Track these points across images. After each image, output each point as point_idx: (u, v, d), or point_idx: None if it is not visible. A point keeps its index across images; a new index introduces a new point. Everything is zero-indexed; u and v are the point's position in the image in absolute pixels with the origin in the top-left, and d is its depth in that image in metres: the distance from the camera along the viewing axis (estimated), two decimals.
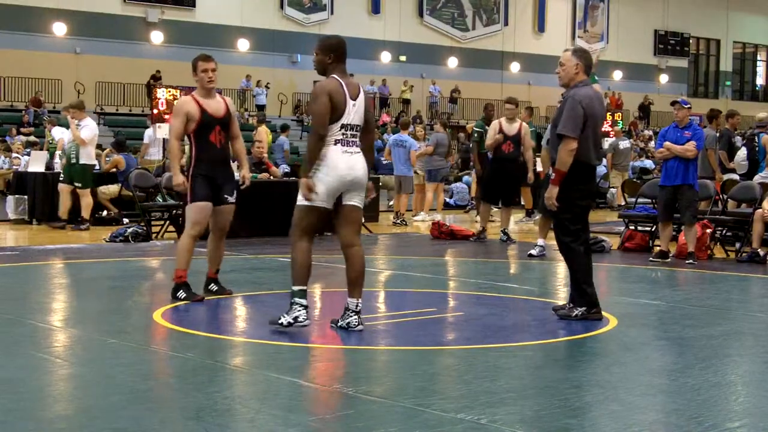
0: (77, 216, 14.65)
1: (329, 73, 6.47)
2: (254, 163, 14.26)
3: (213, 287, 8.08)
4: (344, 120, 6.34)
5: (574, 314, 6.94)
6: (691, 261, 11.02)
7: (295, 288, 6.38)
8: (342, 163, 6.31)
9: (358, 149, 6.42)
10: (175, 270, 7.85)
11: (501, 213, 13.97)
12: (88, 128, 14.67)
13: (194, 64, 7.85)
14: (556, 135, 7.05)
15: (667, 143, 11.07)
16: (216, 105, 7.88)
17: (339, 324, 6.48)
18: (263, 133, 19.69)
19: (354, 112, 6.38)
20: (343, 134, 6.35)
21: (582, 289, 7.03)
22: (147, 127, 21.40)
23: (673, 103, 11.55)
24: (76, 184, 14.55)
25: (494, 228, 16.64)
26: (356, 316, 6.42)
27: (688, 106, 11.44)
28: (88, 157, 14.60)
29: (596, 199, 23.86)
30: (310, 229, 6.45)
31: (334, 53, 6.47)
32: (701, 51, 51.47)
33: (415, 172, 17.64)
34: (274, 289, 8.63)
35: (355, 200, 6.42)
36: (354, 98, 6.40)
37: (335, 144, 6.34)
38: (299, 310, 6.39)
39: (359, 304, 6.43)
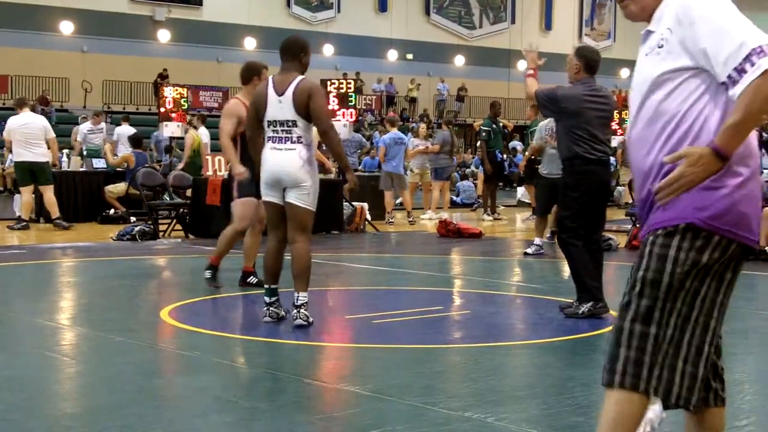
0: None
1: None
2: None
3: (253, 280, 8.29)
4: (268, 117, 6.50)
5: (581, 312, 6.93)
6: None
7: (265, 286, 6.69)
8: (270, 159, 6.48)
9: (294, 145, 6.44)
10: (212, 257, 8.31)
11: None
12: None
13: (259, 71, 8.19)
14: (560, 125, 7.15)
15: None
16: None
17: (295, 322, 6.47)
18: None
19: (279, 108, 6.45)
20: (273, 131, 6.51)
21: (582, 282, 7.00)
22: (152, 126, 21.40)
23: None
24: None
25: (501, 227, 16.64)
26: (296, 311, 6.44)
27: None
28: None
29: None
30: (270, 224, 6.69)
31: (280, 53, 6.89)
32: None
33: (410, 170, 17.56)
34: (279, 286, 8.62)
35: (291, 197, 6.45)
36: (280, 94, 6.48)
37: (267, 141, 6.56)
38: (263, 308, 6.64)
39: (299, 298, 6.44)
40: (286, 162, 6.41)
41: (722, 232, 2.71)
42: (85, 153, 17.88)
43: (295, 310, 6.45)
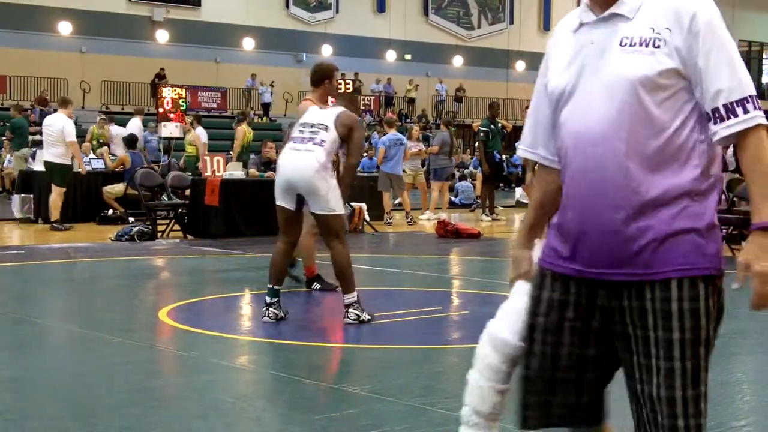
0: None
1: None
2: (263, 163, 14.30)
3: (316, 286, 8.27)
4: (302, 120, 6.79)
5: None
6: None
7: (268, 285, 6.68)
8: (286, 164, 6.60)
9: (315, 147, 6.54)
10: (306, 269, 8.26)
11: None
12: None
13: (330, 73, 7.89)
14: None
15: None
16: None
17: (344, 320, 6.62)
18: (239, 133, 19.66)
19: (319, 113, 6.79)
20: (300, 131, 6.71)
21: None
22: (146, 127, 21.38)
23: None
24: None
25: (500, 227, 16.64)
26: (345, 310, 6.60)
27: None
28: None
29: None
30: (281, 228, 6.70)
31: None
32: None
33: (404, 171, 17.54)
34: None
35: (315, 208, 6.56)
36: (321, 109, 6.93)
37: (289, 142, 6.78)
38: (263, 308, 6.65)
39: (345, 299, 6.61)
40: (302, 165, 6.46)
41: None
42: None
43: (345, 310, 6.61)
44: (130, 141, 17.21)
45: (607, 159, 2.35)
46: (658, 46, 2.36)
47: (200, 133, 19.06)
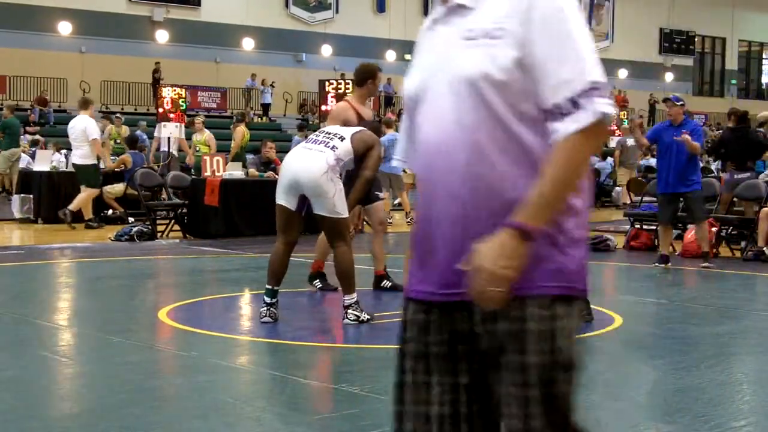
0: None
1: None
2: (263, 163, 14.30)
3: (387, 284, 8.25)
4: (323, 128, 7.04)
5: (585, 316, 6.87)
6: (706, 264, 10.40)
7: (267, 286, 6.68)
8: (293, 163, 6.57)
9: (326, 149, 6.55)
10: (376, 270, 8.27)
11: None
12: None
13: (374, 73, 7.94)
14: None
15: (685, 136, 10.02)
16: (368, 111, 8.28)
17: (343, 321, 6.64)
18: (238, 133, 19.65)
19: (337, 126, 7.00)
20: (316, 134, 6.84)
21: None
22: (152, 126, 21.37)
23: (665, 100, 10.78)
24: None
25: None
26: (344, 311, 6.63)
27: (681, 103, 10.50)
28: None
29: (602, 198, 23.88)
30: (280, 227, 6.66)
31: None
32: (707, 49, 51.40)
33: (404, 170, 17.51)
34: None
35: (320, 210, 6.51)
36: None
37: (303, 141, 6.93)
38: (261, 307, 6.64)
39: (345, 300, 6.63)
40: (310, 164, 6.44)
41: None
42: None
43: (344, 311, 6.62)
44: (132, 141, 17.20)
45: (452, 168, 2.08)
46: (500, 38, 2.06)
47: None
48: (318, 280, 8.22)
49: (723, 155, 14.05)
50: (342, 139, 6.60)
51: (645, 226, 12.88)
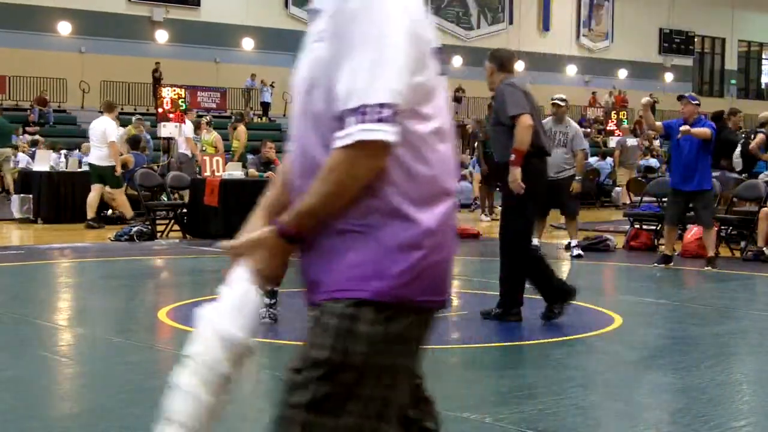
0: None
1: None
2: (263, 163, 14.30)
3: None
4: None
5: (556, 312, 6.80)
6: (710, 267, 10.32)
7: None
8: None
9: None
10: None
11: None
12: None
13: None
14: (501, 125, 6.86)
15: (685, 127, 10.08)
16: None
17: None
18: (241, 133, 19.64)
19: None
20: None
21: (553, 287, 6.86)
22: (154, 126, 21.36)
23: (680, 98, 10.67)
24: None
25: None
26: None
27: (696, 102, 10.45)
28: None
29: (601, 198, 23.87)
30: None
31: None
32: (706, 49, 51.41)
33: None
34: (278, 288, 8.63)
35: None
36: None
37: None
38: (261, 309, 6.54)
39: None
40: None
41: None
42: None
43: None
44: (134, 141, 17.20)
45: (294, 170, 2.15)
46: (322, 40, 2.02)
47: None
48: None
49: None
50: None
51: (645, 226, 12.89)
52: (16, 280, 9.31)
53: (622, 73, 45.82)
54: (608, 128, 37.07)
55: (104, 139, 14.43)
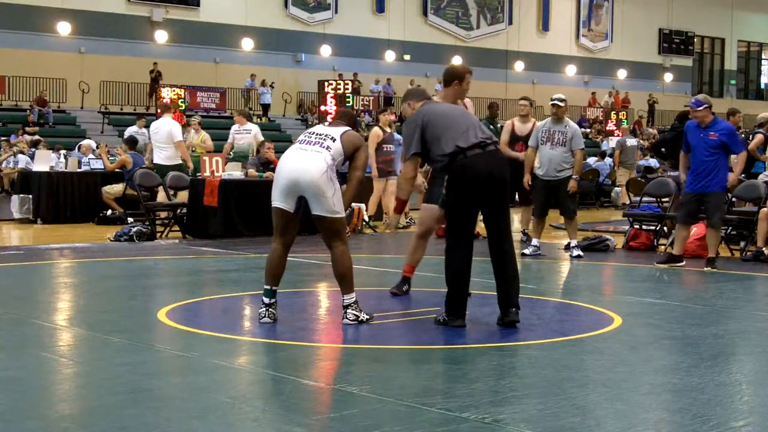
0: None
1: None
2: (262, 163, 14.30)
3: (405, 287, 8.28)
4: (310, 130, 6.91)
5: (508, 319, 6.72)
6: (710, 267, 10.33)
7: (265, 286, 6.68)
8: (290, 164, 6.53)
9: (322, 149, 6.53)
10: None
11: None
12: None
13: (461, 74, 7.33)
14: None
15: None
16: None
17: (343, 321, 6.66)
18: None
19: (326, 128, 6.87)
20: (308, 135, 6.76)
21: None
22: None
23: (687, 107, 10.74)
24: None
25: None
26: (344, 311, 6.66)
27: (705, 105, 10.35)
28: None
29: (601, 198, 23.87)
30: (278, 229, 6.66)
31: None
32: (706, 50, 51.45)
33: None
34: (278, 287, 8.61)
35: (318, 210, 6.50)
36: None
37: (296, 143, 6.78)
38: (260, 308, 6.66)
39: (345, 300, 6.65)
40: (309, 165, 6.42)
41: None
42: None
43: (343, 311, 6.64)
44: (132, 142, 17.21)
45: None
46: None
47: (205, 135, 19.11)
48: (407, 284, 8.24)
49: (663, 154, 14.53)
50: (333, 139, 6.58)
51: (644, 227, 12.89)
52: (16, 280, 9.31)
53: (622, 74, 45.85)
54: (608, 128, 37.04)
55: (170, 139, 14.67)
